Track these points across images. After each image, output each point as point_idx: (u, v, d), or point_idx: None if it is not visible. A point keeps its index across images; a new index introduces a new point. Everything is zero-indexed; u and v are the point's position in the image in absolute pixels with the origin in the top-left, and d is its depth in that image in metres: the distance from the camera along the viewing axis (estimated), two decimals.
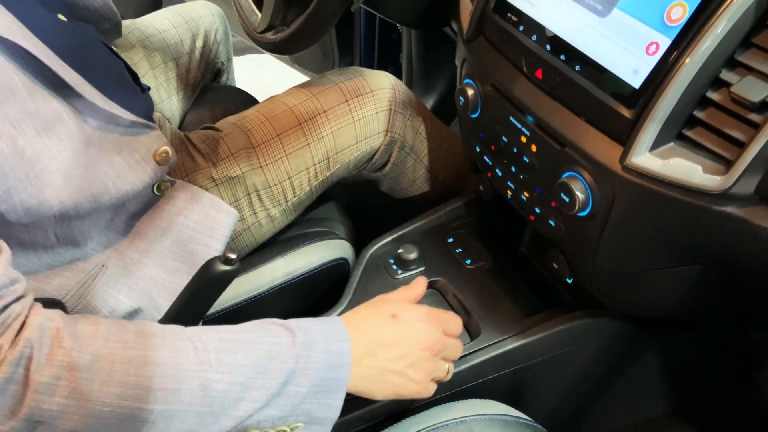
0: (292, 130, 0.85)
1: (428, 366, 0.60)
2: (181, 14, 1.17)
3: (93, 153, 0.63)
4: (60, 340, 0.48)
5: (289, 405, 0.53)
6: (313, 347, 0.54)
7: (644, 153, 0.56)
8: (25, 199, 0.57)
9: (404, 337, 0.59)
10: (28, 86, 0.56)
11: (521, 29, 0.68)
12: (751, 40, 0.52)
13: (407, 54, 1.47)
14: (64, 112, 0.60)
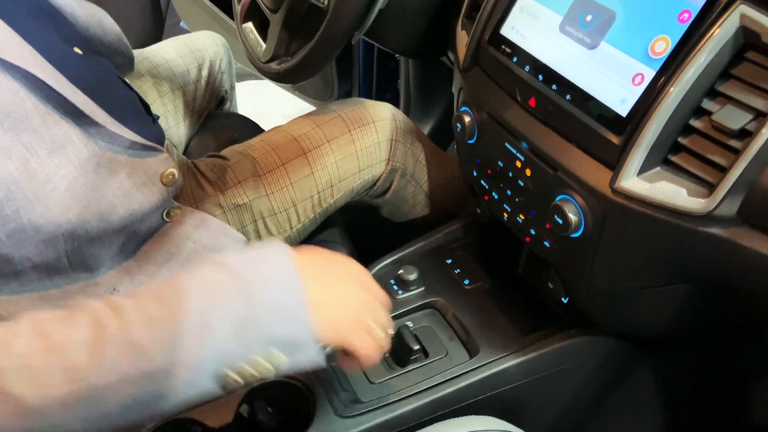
0: (297, 160, 0.88)
1: (365, 311, 0.57)
2: (187, 44, 1.21)
3: (102, 174, 0.66)
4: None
5: (245, 335, 0.49)
6: (255, 273, 0.51)
7: (632, 177, 0.59)
8: (34, 218, 0.60)
9: (346, 271, 0.58)
10: (40, 111, 0.60)
11: (515, 60, 0.71)
12: (730, 71, 0.55)
13: (405, 82, 1.51)
14: (74, 135, 0.63)
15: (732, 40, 0.54)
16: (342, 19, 0.78)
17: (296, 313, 0.51)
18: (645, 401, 0.88)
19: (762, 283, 0.57)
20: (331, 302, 0.55)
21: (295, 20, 0.87)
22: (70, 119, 0.64)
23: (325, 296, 0.54)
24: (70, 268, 0.70)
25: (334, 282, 0.56)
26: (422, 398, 0.74)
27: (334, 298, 0.55)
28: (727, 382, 0.89)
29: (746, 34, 0.53)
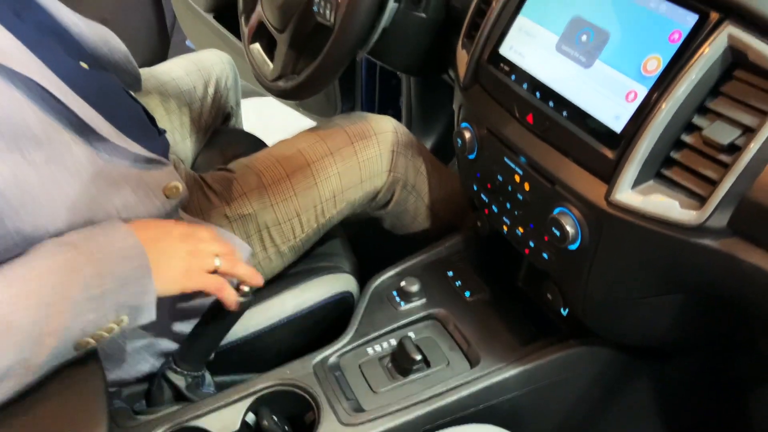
0: (301, 171, 0.90)
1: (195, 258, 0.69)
2: (194, 62, 1.23)
3: (100, 184, 0.67)
4: None
5: (102, 305, 0.59)
6: (102, 250, 0.61)
7: (627, 190, 0.61)
8: (20, 226, 0.60)
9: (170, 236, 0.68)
10: (42, 120, 0.60)
11: (513, 78, 0.74)
12: (719, 89, 0.57)
13: (406, 98, 1.54)
14: (75, 146, 0.64)
15: (720, 59, 0.56)
16: (347, 37, 0.80)
17: (143, 282, 0.63)
18: (643, 411, 0.90)
19: (753, 292, 0.59)
20: (163, 264, 0.65)
21: (302, 39, 0.90)
22: (73, 131, 0.64)
23: (159, 261, 0.65)
24: None
25: (163, 246, 0.67)
26: (424, 407, 0.76)
27: (165, 259, 0.66)
28: (725, 391, 0.91)
29: (734, 53, 0.56)
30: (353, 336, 0.84)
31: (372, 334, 0.84)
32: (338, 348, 0.83)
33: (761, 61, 0.54)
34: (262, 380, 0.79)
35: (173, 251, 0.67)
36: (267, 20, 0.94)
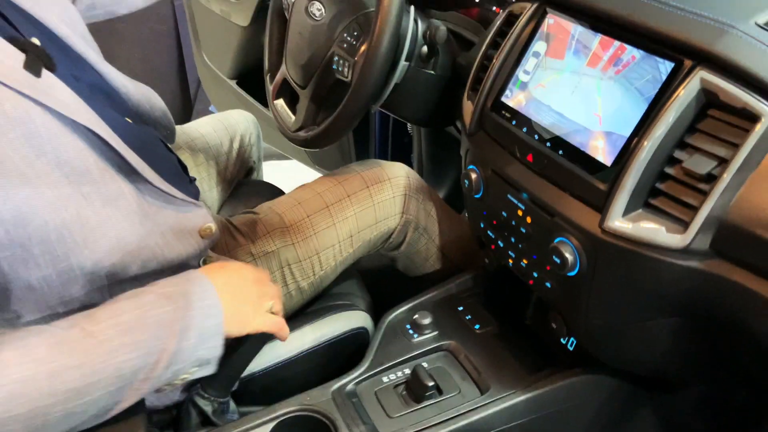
0: (320, 212, 0.98)
1: (261, 300, 0.76)
2: (220, 120, 1.33)
3: (147, 226, 0.75)
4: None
5: (185, 358, 0.66)
6: (191, 307, 0.67)
7: (618, 218, 0.68)
8: (81, 260, 0.67)
9: (246, 281, 0.76)
10: (99, 167, 0.68)
11: (514, 123, 0.82)
12: (696, 126, 0.65)
13: (417, 150, 1.63)
14: (126, 189, 0.72)
15: (695, 100, 0.64)
16: (363, 91, 0.89)
17: (217, 339, 0.69)
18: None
19: (739, 310, 0.64)
20: (237, 309, 0.72)
21: (322, 94, 0.99)
22: (124, 176, 0.73)
23: (235, 306, 0.72)
24: None
25: (239, 291, 0.74)
26: (437, 430, 0.80)
27: (239, 304, 0.73)
28: (727, 421, 0.94)
29: (707, 94, 0.63)
30: (369, 365, 0.89)
31: (387, 364, 0.89)
32: (355, 376, 0.88)
33: (731, 101, 0.61)
34: (284, 405, 0.83)
35: (247, 296, 0.75)
36: (290, 77, 1.04)
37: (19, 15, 0.70)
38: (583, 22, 0.76)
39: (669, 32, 0.66)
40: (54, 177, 0.63)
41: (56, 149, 0.62)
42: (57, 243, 0.65)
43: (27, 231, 0.61)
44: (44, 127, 0.61)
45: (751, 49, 0.61)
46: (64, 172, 0.63)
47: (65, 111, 0.63)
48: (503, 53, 0.85)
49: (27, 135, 0.59)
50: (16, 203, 0.60)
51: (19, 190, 0.59)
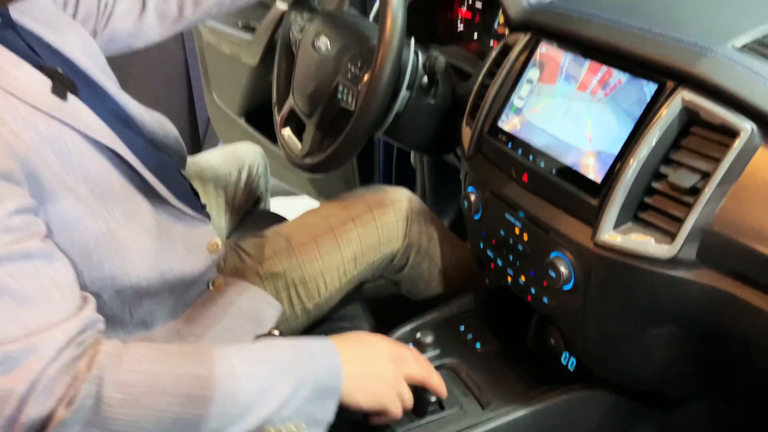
0: (326, 235, 1.01)
1: (395, 381, 0.75)
2: (229, 152, 1.38)
3: (163, 239, 0.80)
4: (122, 363, 0.61)
5: (296, 407, 0.66)
6: (312, 360, 0.68)
7: (609, 231, 0.71)
8: (113, 269, 0.72)
9: (379, 355, 0.75)
10: (121, 184, 0.74)
11: (509, 146, 0.86)
12: (680, 143, 0.68)
13: (420, 184, 1.67)
14: (144, 206, 0.77)
15: (678, 118, 0.68)
16: (365, 119, 0.93)
17: (330, 401, 0.69)
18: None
19: (727, 318, 0.67)
20: (368, 378, 0.72)
21: (327, 122, 1.03)
22: (142, 193, 0.78)
23: (362, 376, 0.71)
24: (131, 321, 0.81)
25: (370, 361, 0.74)
26: None
27: (371, 374, 0.72)
28: None
29: (688, 113, 0.67)
30: None
31: None
32: None
33: (711, 118, 0.65)
34: None
35: (379, 371, 0.74)
36: (297, 107, 1.08)
37: (44, 47, 0.76)
38: (572, 50, 0.81)
39: (652, 56, 0.71)
40: (82, 191, 0.68)
41: (83, 166, 0.67)
42: (93, 250, 0.70)
43: (71, 236, 0.67)
44: (73, 146, 0.66)
45: (728, 69, 0.65)
46: (90, 187, 0.68)
47: (90, 132, 0.68)
48: (499, 81, 0.90)
49: (58, 153, 0.65)
50: (63, 209, 0.66)
51: (62, 199, 0.65)
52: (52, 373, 0.57)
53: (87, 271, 0.70)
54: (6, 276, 0.58)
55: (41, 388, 0.57)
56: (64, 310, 0.61)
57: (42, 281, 0.60)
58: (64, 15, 0.87)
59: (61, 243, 0.67)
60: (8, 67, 0.64)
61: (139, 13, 0.96)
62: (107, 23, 0.95)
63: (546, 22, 0.86)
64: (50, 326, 0.59)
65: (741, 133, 0.63)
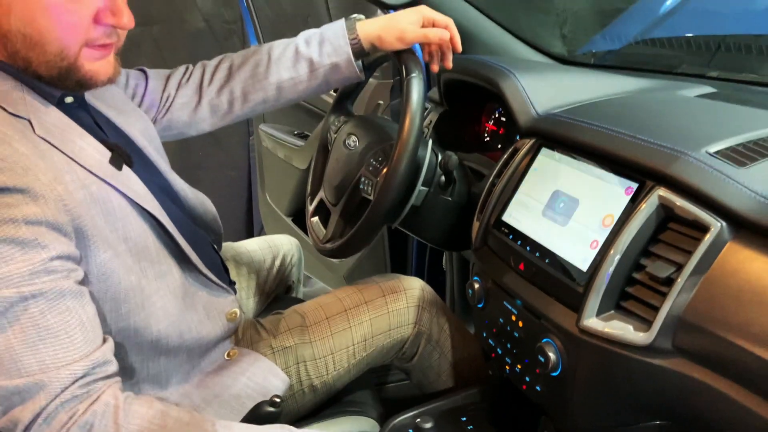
0: (339, 315, 1.07)
1: None
2: (267, 240, 1.49)
3: (186, 302, 0.88)
4: (116, 417, 0.68)
5: None
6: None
7: (592, 317, 0.74)
8: (137, 321, 0.80)
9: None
10: (156, 246, 0.83)
11: (510, 237, 0.91)
12: (658, 237, 0.73)
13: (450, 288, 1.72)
14: (174, 269, 0.86)
15: (655, 214, 0.73)
16: (380, 207, 1.01)
17: None
18: None
19: (703, 408, 0.68)
20: None
21: (350, 211, 1.12)
22: (173, 258, 0.87)
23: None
24: (147, 377, 0.87)
25: None
26: None
27: None
28: None
29: (665, 209, 0.72)
30: None
31: None
32: None
33: (685, 214, 0.70)
34: None
35: None
36: (326, 198, 1.18)
37: (110, 126, 0.89)
38: (569, 153, 0.88)
39: (634, 158, 0.77)
40: (121, 248, 0.77)
41: (125, 227, 0.78)
42: (123, 302, 0.78)
43: (105, 286, 0.76)
44: (119, 208, 0.77)
45: (700, 171, 0.71)
46: (129, 246, 0.78)
47: (136, 197, 0.79)
48: (504, 179, 0.97)
49: (105, 212, 0.75)
50: (102, 261, 0.75)
51: (102, 252, 0.75)
52: (51, 409, 0.65)
53: (114, 321, 0.78)
54: (37, 312, 0.66)
55: (41, 420, 0.65)
56: (80, 350, 0.68)
57: (69, 320, 0.69)
58: (131, 103, 1.01)
59: (96, 292, 0.76)
60: (75, 138, 0.77)
61: (194, 107, 1.10)
62: (167, 113, 1.09)
63: (548, 129, 0.95)
64: (62, 365, 0.67)
65: (711, 229, 0.67)
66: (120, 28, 0.76)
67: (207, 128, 1.14)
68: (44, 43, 0.71)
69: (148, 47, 2.46)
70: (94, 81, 0.77)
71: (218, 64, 1.10)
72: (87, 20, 0.73)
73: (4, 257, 0.64)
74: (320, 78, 1.07)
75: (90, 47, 0.75)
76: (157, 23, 2.50)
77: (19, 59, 0.73)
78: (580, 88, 1.07)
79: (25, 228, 0.66)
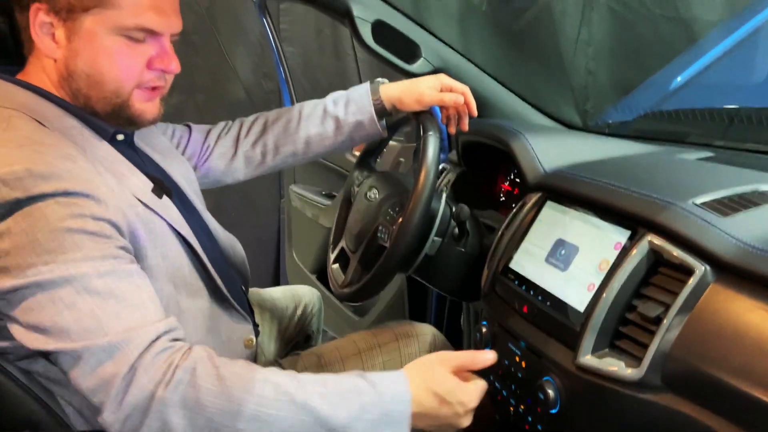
0: (353, 357, 1.12)
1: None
2: (290, 290, 1.56)
3: (210, 323, 0.95)
4: (213, 361, 0.75)
5: (363, 427, 0.74)
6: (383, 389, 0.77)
7: (587, 354, 0.79)
8: None
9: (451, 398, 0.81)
10: (189, 268, 0.91)
11: (516, 283, 0.97)
12: (649, 280, 0.78)
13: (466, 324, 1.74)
14: (204, 292, 0.94)
15: (646, 258, 0.79)
16: (394, 254, 1.07)
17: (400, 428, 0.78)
18: None
19: None
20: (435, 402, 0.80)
21: (368, 257, 1.19)
22: (204, 282, 0.95)
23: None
24: None
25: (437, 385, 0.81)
26: None
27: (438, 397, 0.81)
28: None
29: (655, 254, 0.78)
30: None
31: None
32: None
33: (672, 259, 0.76)
34: None
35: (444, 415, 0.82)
36: (346, 245, 1.26)
37: (153, 165, 0.99)
38: (571, 204, 0.95)
39: (628, 208, 0.84)
40: (160, 265, 0.86)
41: (164, 246, 0.86)
42: (165, 309, 0.85)
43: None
44: (159, 230, 0.86)
45: (686, 220, 0.77)
46: (166, 264, 0.87)
47: (174, 223, 0.89)
48: (512, 230, 1.04)
49: (147, 231, 0.84)
50: (149, 266, 0.83)
51: (149, 259, 0.84)
52: (148, 359, 0.72)
53: None
54: (114, 285, 0.74)
55: (141, 370, 0.71)
56: (155, 315, 0.76)
57: (141, 294, 0.76)
58: (176, 150, 1.12)
59: None
60: (122, 169, 0.87)
61: (231, 157, 1.21)
62: (206, 161, 1.20)
63: (554, 184, 1.02)
64: (145, 324, 0.74)
65: (696, 272, 0.73)
66: (168, 72, 0.88)
67: (241, 177, 1.23)
68: (103, 83, 0.84)
69: (190, 114, 2.62)
70: (141, 119, 0.89)
71: (255, 119, 1.21)
72: (141, 65, 0.85)
73: (77, 244, 0.73)
74: (345, 134, 1.17)
75: (141, 89, 0.87)
76: (200, 92, 2.67)
77: (80, 96, 0.85)
78: (587, 150, 1.15)
79: (92, 222, 0.75)
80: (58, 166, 0.75)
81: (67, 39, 0.82)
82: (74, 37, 0.82)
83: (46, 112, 0.83)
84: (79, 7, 0.80)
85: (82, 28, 0.81)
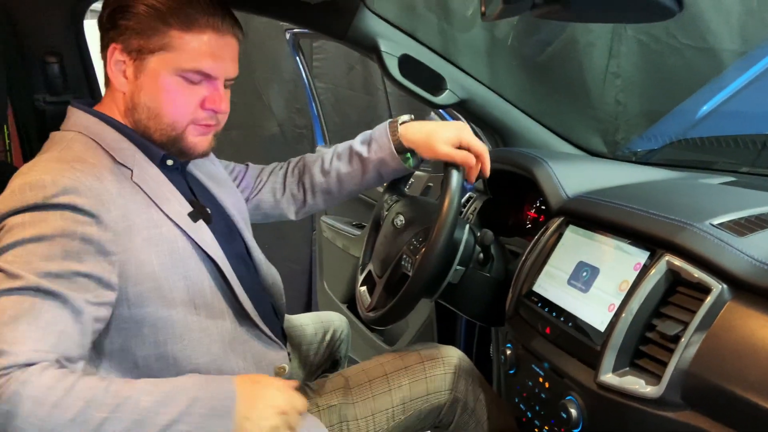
0: (379, 379, 1.14)
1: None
2: (319, 316, 1.59)
3: (234, 347, 0.97)
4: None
5: (193, 422, 0.75)
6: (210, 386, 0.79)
7: (608, 373, 0.80)
8: (176, 350, 0.91)
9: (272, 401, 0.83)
10: (212, 290, 0.95)
11: (539, 305, 0.99)
12: (667, 299, 0.80)
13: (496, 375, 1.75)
14: (227, 314, 0.97)
15: (664, 278, 0.80)
16: (417, 282, 1.09)
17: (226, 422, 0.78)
18: None
19: None
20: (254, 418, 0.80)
21: (393, 283, 1.22)
22: (228, 304, 0.98)
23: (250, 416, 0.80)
24: None
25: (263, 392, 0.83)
26: None
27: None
28: None
29: (673, 273, 0.80)
30: None
31: None
32: None
33: (690, 278, 0.77)
34: None
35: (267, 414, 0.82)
36: (373, 270, 1.29)
37: (204, 193, 1.05)
38: (592, 227, 0.97)
39: (647, 229, 0.86)
40: (181, 284, 0.91)
41: (185, 265, 0.91)
42: (160, 330, 0.90)
43: (142, 312, 0.88)
44: (182, 249, 0.91)
45: (703, 240, 0.78)
46: (187, 283, 0.91)
47: (201, 243, 0.93)
48: (534, 254, 1.06)
49: (170, 250, 0.89)
50: (140, 291, 0.87)
51: (139, 285, 0.87)
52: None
53: (153, 346, 0.89)
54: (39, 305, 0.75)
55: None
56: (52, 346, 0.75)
57: (57, 323, 0.76)
58: (232, 182, 1.19)
59: (132, 315, 0.87)
60: (164, 191, 0.94)
61: (279, 193, 1.27)
62: (257, 194, 1.27)
63: (575, 208, 1.04)
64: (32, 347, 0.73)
65: (713, 290, 0.74)
66: (218, 112, 0.96)
67: (291, 216, 1.29)
68: (162, 116, 0.93)
69: (227, 149, 2.70)
70: (192, 151, 0.97)
71: (299, 160, 1.29)
72: (194, 104, 0.94)
73: (47, 255, 0.78)
74: (372, 171, 1.21)
75: (195, 125, 0.95)
76: (236, 128, 2.77)
77: (141, 125, 0.94)
78: (610, 176, 1.17)
79: (78, 243, 0.80)
80: (82, 182, 0.82)
81: (135, 76, 0.92)
82: (141, 75, 0.92)
83: (105, 135, 0.93)
84: (147, 49, 0.91)
85: (148, 67, 0.91)
